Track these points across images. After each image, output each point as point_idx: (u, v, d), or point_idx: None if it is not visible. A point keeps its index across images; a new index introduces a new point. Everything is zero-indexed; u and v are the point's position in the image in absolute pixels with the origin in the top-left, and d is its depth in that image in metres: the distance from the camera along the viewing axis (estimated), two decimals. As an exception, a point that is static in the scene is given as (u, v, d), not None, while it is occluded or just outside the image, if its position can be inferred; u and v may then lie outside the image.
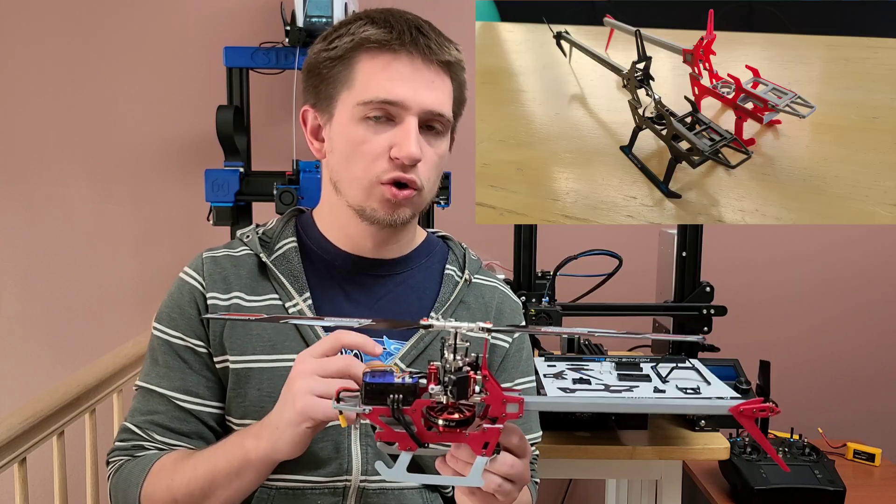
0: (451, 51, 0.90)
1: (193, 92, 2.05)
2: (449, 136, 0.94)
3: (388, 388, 0.67)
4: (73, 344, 2.11)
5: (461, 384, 0.66)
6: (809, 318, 2.22)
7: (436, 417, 0.67)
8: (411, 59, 0.87)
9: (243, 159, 1.75)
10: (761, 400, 0.66)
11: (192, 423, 0.92)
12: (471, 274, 1.01)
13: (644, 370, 1.39)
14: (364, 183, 0.88)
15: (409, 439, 0.67)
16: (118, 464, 0.93)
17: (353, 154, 0.88)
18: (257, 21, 2.03)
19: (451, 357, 0.66)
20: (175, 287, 0.96)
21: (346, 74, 0.88)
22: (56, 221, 2.10)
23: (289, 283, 0.93)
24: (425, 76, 0.88)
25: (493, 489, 0.70)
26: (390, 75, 0.87)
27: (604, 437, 1.39)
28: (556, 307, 1.45)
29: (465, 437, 0.67)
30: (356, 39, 0.87)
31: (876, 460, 1.87)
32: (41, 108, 2.06)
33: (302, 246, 0.97)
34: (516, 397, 0.67)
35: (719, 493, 1.66)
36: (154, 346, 0.95)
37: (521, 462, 0.72)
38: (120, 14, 2.04)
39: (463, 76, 0.94)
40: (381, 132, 0.87)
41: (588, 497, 2.22)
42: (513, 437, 0.71)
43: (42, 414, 1.23)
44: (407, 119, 0.87)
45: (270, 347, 0.90)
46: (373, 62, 0.87)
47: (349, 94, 0.88)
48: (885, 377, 2.25)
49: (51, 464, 1.29)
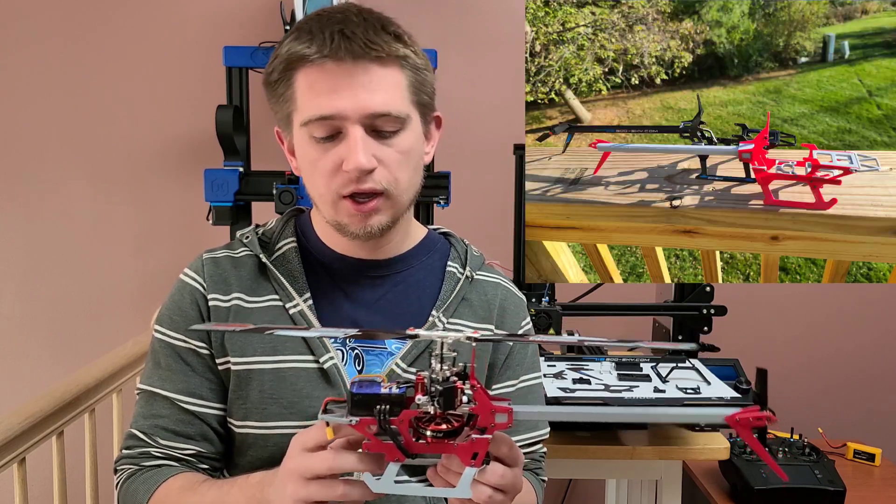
0: (383, 43, 0.83)
1: (193, 92, 2.05)
2: (414, 128, 0.88)
3: (375, 398, 0.66)
4: (73, 344, 2.11)
5: (448, 395, 0.65)
6: (809, 318, 2.22)
7: (424, 428, 0.66)
8: (339, 63, 0.82)
9: (243, 159, 1.75)
10: (758, 408, 0.65)
11: (196, 426, 0.92)
12: (472, 270, 1.01)
13: (644, 370, 1.39)
14: (328, 199, 0.87)
15: (397, 450, 0.67)
16: (126, 472, 0.92)
17: (312, 173, 0.87)
18: (257, 21, 2.03)
19: (438, 367, 0.66)
20: (176, 289, 0.95)
21: (289, 94, 0.86)
22: (56, 221, 2.10)
23: (289, 283, 0.93)
24: (359, 79, 0.83)
25: (483, 500, 0.69)
26: (321, 89, 0.83)
27: (604, 438, 1.38)
28: (555, 307, 1.45)
29: (453, 448, 0.67)
30: (284, 59, 0.85)
31: (876, 460, 1.87)
32: (41, 108, 2.06)
33: (301, 247, 0.97)
34: (505, 407, 0.66)
35: (719, 492, 1.66)
36: (156, 349, 0.94)
37: (512, 472, 0.71)
38: (120, 14, 2.04)
39: (416, 60, 0.87)
40: (330, 149, 0.85)
41: (588, 497, 2.22)
42: (502, 447, 0.70)
43: (42, 414, 1.23)
44: (350, 130, 0.83)
45: (271, 349, 0.90)
46: (305, 79, 0.84)
47: (297, 114, 0.86)
48: (885, 377, 2.25)
49: (50, 464, 1.29)
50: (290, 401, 0.89)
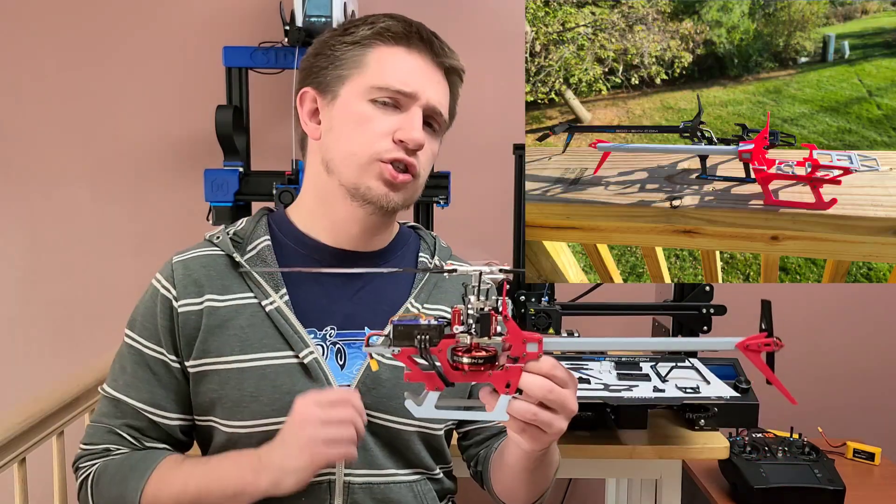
0: (457, 59, 0.96)
1: (193, 92, 2.05)
2: (441, 138, 0.99)
3: (415, 329, 0.70)
4: (73, 344, 2.11)
5: (484, 321, 0.69)
6: (809, 318, 2.22)
7: (461, 356, 0.70)
8: (423, 56, 0.93)
9: (243, 159, 1.75)
10: (765, 334, 0.69)
11: (159, 432, 0.94)
12: (441, 261, 1.04)
13: (644, 369, 1.39)
14: (362, 159, 0.90)
15: (437, 379, 0.71)
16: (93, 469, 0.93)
17: (357, 130, 0.91)
18: (256, 21, 2.03)
19: (475, 299, 0.70)
20: (148, 295, 0.96)
21: (360, 58, 0.92)
22: (56, 221, 2.10)
23: (264, 280, 0.93)
24: (433, 75, 0.94)
25: (528, 418, 0.72)
26: (407, 67, 0.92)
27: (603, 437, 1.39)
28: (555, 307, 1.45)
29: (488, 376, 0.71)
30: (375, 29, 0.92)
31: (876, 459, 1.87)
32: (41, 108, 2.06)
33: (276, 242, 0.97)
34: (536, 335, 0.71)
35: (719, 492, 1.66)
36: (123, 353, 0.96)
37: (564, 391, 0.73)
38: (120, 14, 2.04)
39: (458, 90, 0.99)
40: (388, 116, 0.91)
41: (588, 497, 2.22)
42: (543, 365, 0.72)
43: (42, 414, 1.23)
44: (413, 108, 0.91)
45: (249, 346, 0.91)
46: (389, 51, 0.92)
47: (361, 76, 0.91)
48: (885, 377, 2.25)
49: (51, 464, 1.29)
50: (270, 398, 0.89)
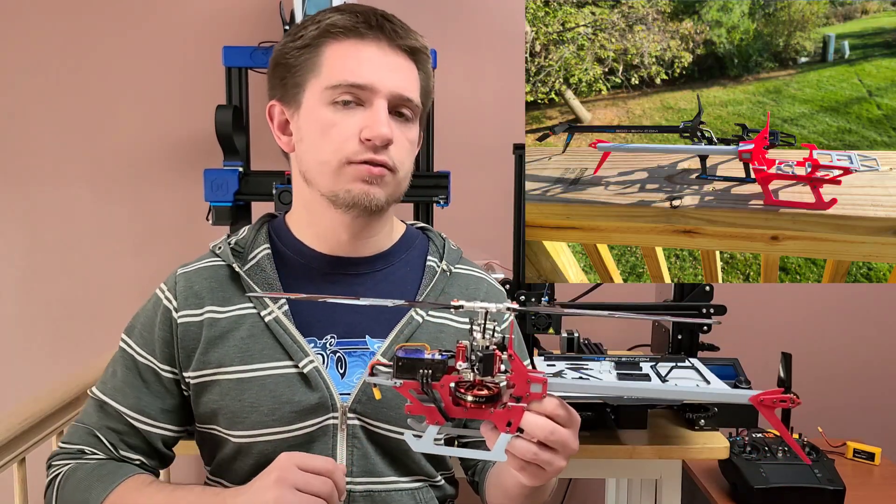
0: (416, 37, 0.91)
1: (192, 92, 2.05)
2: (418, 123, 0.94)
3: (419, 363, 0.70)
4: (73, 344, 2.11)
5: (487, 361, 0.68)
6: (809, 318, 2.22)
7: (464, 394, 0.69)
8: (378, 42, 0.88)
9: (242, 159, 1.75)
10: (782, 390, 0.68)
11: (140, 440, 0.94)
12: (450, 264, 1.01)
13: (644, 370, 1.39)
14: (333, 165, 0.87)
15: (438, 413, 0.70)
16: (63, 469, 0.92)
17: (323, 138, 0.88)
18: (256, 20, 2.03)
19: (480, 336, 0.69)
20: (151, 304, 0.96)
21: (313, 61, 0.88)
22: (56, 221, 2.10)
23: (263, 291, 0.93)
24: (392, 60, 0.88)
25: (529, 458, 0.71)
26: (358, 59, 0.87)
27: (603, 437, 1.39)
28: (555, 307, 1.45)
29: (490, 414, 0.70)
30: (322, 27, 0.88)
31: (876, 459, 1.87)
32: (41, 108, 2.06)
33: (276, 251, 0.96)
34: (540, 377, 0.70)
35: (719, 492, 1.66)
36: (117, 358, 0.96)
37: (565, 431, 0.72)
38: (119, 14, 2.04)
39: (429, 66, 0.94)
40: (351, 116, 0.87)
41: (588, 496, 2.22)
42: (547, 406, 0.71)
43: (42, 414, 1.23)
44: (376, 102, 0.87)
45: (249, 357, 0.90)
46: (340, 47, 0.88)
47: (317, 80, 0.88)
48: (885, 376, 2.25)
49: (50, 464, 1.28)
50: (270, 408, 0.89)
